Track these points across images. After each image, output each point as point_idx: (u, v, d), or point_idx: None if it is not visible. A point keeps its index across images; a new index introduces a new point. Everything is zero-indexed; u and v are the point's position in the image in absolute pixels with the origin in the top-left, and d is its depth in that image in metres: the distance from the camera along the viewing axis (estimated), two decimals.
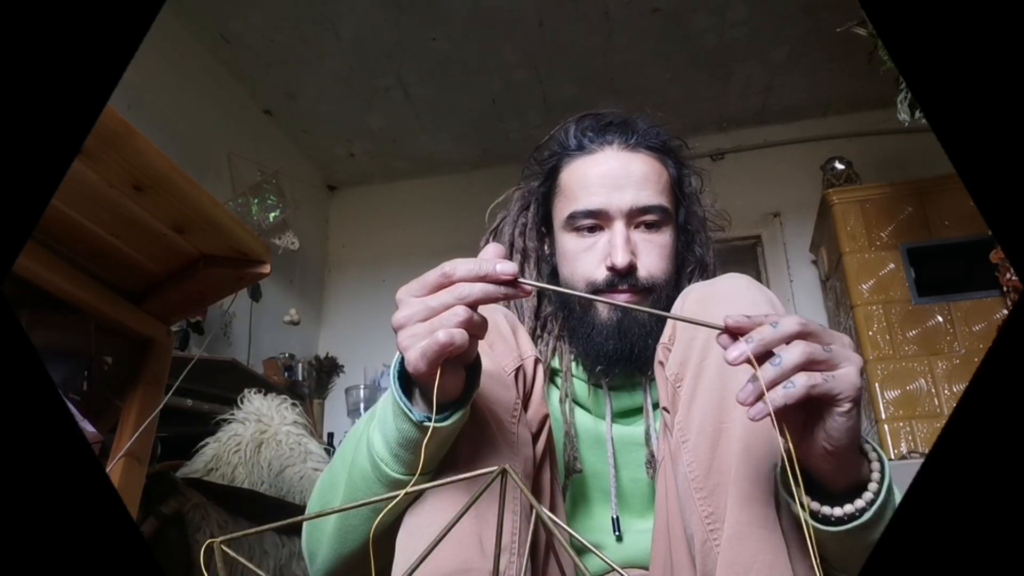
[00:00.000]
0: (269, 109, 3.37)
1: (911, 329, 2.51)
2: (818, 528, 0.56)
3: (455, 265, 0.56)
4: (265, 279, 1.25)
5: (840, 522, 0.56)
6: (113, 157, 0.85)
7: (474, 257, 0.57)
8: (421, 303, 0.56)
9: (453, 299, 0.55)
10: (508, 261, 0.55)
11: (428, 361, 0.54)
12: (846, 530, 0.56)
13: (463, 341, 0.54)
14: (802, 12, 2.86)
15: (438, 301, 0.55)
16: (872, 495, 0.56)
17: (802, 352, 0.49)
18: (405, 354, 0.56)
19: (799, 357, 0.49)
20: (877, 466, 0.57)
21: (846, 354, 0.51)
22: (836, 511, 0.56)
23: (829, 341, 0.52)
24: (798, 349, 0.49)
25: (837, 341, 0.52)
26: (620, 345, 0.82)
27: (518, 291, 0.55)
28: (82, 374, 1.26)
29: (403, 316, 0.56)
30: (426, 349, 0.54)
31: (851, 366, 0.51)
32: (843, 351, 0.51)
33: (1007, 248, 0.31)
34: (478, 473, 0.46)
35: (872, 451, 0.59)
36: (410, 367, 0.56)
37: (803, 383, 0.49)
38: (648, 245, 0.85)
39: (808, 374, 0.49)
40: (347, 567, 0.70)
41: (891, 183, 2.73)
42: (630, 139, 0.88)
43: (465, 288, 0.54)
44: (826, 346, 0.51)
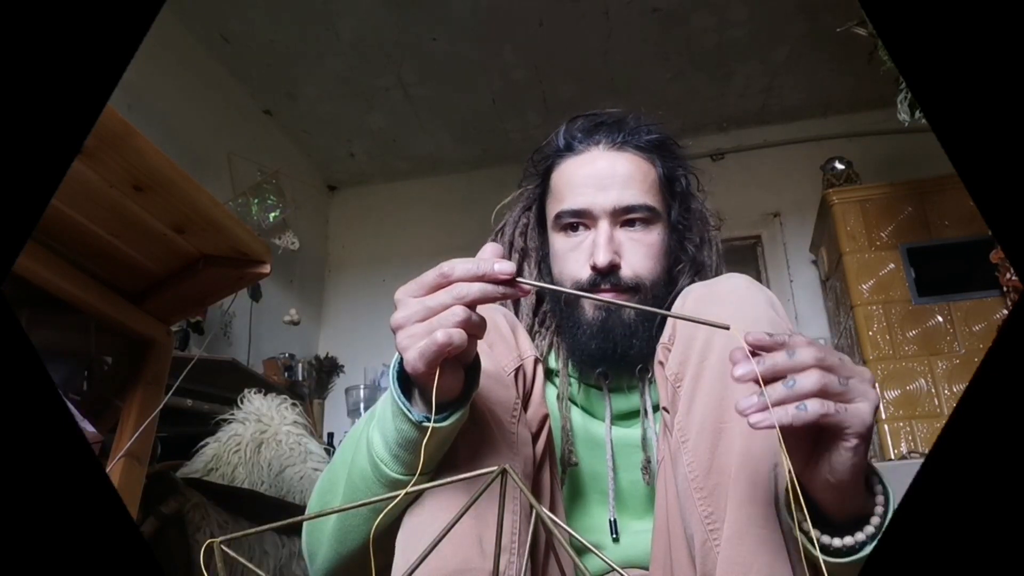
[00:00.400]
0: (269, 109, 3.37)
1: (911, 329, 2.51)
2: (818, 556, 0.56)
3: (453, 265, 0.56)
4: (265, 279, 1.25)
5: (839, 553, 0.56)
6: (113, 157, 0.85)
7: (474, 256, 0.57)
8: (419, 303, 0.56)
9: (451, 299, 0.55)
10: (506, 260, 0.55)
11: (427, 361, 0.54)
12: (846, 562, 0.55)
13: (461, 341, 0.54)
14: (802, 12, 2.86)
15: (436, 301, 0.55)
16: (874, 529, 0.55)
17: (817, 381, 0.48)
18: (403, 354, 0.56)
19: (813, 386, 0.48)
20: (881, 499, 0.57)
21: (863, 389, 0.50)
22: (836, 542, 0.56)
23: (848, 375, 0.51)
24: (814, 377, 0.49)
25: (857, 376, 0.51)
26: (603, 344, 0.82)
27: (516, 290, 0.55)
28: (82, 374, 1.26)
29: (401, 317, 0.56)
30: (424, 349, 0.54)
31: (866, 403, 0.50)
32: (860, 386, 0.50)
33: (1007, 248, 0.31)
34: (478, 473, 0.46)
35: (879, 484, 0.58)
36: (409, 367, 0.56)
37: (816, 409, 0.48)
38: (634, 244, 0.85)
39: (822, 401, 0.48)
40: (347, 567, 0.70)
41: (891, 183, 2.74)
42: (617, 138, 0.88)
43: (463, 288, 0.55)
44: (843, 379, 0.50)
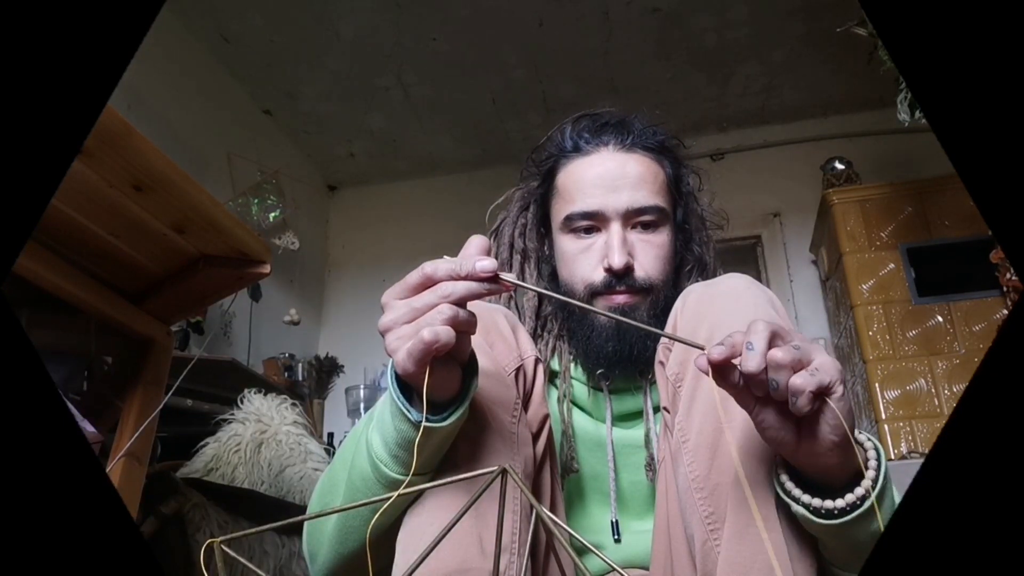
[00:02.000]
0: (269, 109, 3.37)
1: (911, 329, 2.51)
2: (824, 524, 0.56)
3: (436, 265, 0.56)
4: (265, 279, 1.25)
5: (844, 513, 0.56)
6: (113, 157, 0.85)
7: (444, 258, 0.57)
8: (406, 305, 0.56)
9: (436, 298, 0.55)
10: (488, 258, 0.56)
11: (415, 360, 0.55)
12: (852, 519, 0.56)
13: (449, 338, 0.54)
14: (802, 12, 2.86)
15: (422, 302, 0.55)
16: (874, 472, 0.56)
17: (789, 371, 0.50)
18: (393, 356, 0.56)
19: (794, 379, 0.50)
20: (870, 444, 0.58)
21: (808, 346, 0.52)
22: (839, 503, 0.56)
23: (792, 338, 0.53)
24: (783, 373, 0.50)
25: (796, 337, 0.53)
26: (619, 346, 0.82)
27: (500, 286, 0.56)
28: (82, 374, 1.26)
29: (388, 320, 0.57)
30: (412, 349, 0.54)
31: (820, 354, 0.52)
32: (807, 345, 0.52)
33: (1007, 248, 0.31)
34: (478, 473, 0.46)
35: (867, 440, 0.59)
36: (399, 368, 0.56)
37: (804, 403, 0.50)
38: (645, 246, 0.85)
39: (808, 395, 0.50)
40: (348, 567, 0.70)
41: (891, 183, 2.74)
42: (626, 139, 0.88)
43: (448, 287, 0.55)
44: (793, 346, 0.52)
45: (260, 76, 3.15)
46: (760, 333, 0.51)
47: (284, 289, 3.39)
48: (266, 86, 3.22)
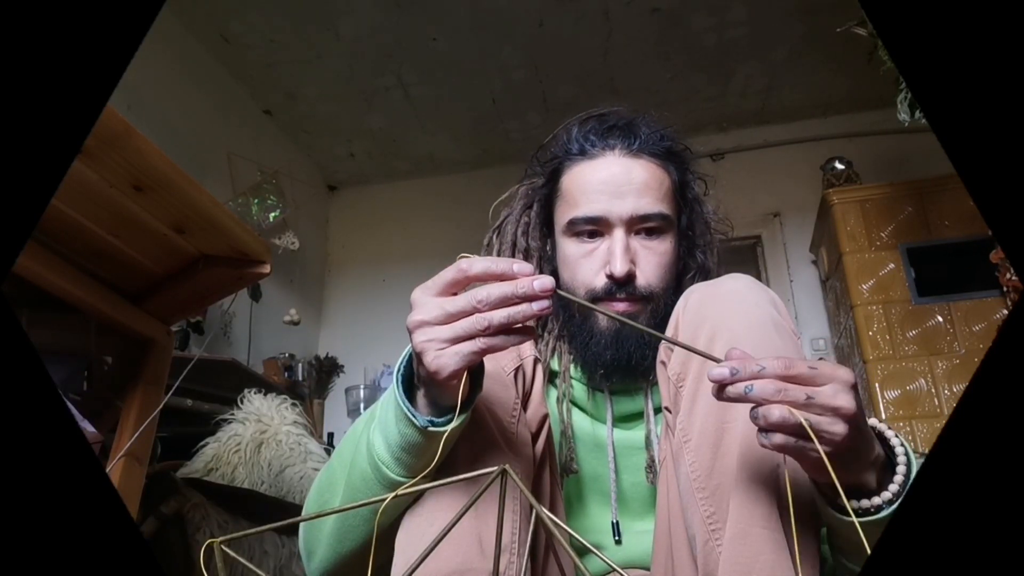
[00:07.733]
0: (269, 109, 3.37)
1: (911, 329, 2.51)
2: (866, 521, 0.56)
3: (471, 262, 0.55)
4: (265, 279, 1.25)
5: (880, 509, 0.57)
6: (113, 157, 0.85)
7: (479, 256, 0.57)
8: (438, 306, 0.55)
9: (471, 305, 0.55)
10: (545, 276, 0.55)
11: (466, 363, 0.55)
12: (894, 510, 0.57)
13: (504, 343, 0.55)
14: (802, 12, 2.86)
15: (456, 307, 0.55)
16: (904, 466, 0.58)
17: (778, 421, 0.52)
18: (422, 356, 0.55)
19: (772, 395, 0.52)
20: (901, 450, 0.59)
21: (824, 391, 0.53)
22: (875, 500, 0.57)
23: (812, 367, 0.53)
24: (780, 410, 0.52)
25: (821, 373, 0.54)
26: (617, 354, 0.82)
27: (546, 308, 0.55)
28: (82, 374, 1.26)
29: (419, 317, 0.56)
30: (461, 351, 0.54)
31: (838, 398, 0.53)
32: (824, 389, 0.53)
33: (1007, 248, 0.31)
34: (478, 473, 0.46)
35: (894, 436, 0.61)
36: (432, 369, 0.55)
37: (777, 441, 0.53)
38: (648, 253, 0.84)
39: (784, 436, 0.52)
40: (345, 567, 0.70)
41: (891, 183, 2.73)
42: (632, 144, 0.86)
43: (483, 292, 0.55)
44: (811, 380, 0.53)
45: (260, 76, 3.15)
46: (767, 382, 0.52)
47: (284, 289, 3.39)
48: (266, 86, 3.22)
